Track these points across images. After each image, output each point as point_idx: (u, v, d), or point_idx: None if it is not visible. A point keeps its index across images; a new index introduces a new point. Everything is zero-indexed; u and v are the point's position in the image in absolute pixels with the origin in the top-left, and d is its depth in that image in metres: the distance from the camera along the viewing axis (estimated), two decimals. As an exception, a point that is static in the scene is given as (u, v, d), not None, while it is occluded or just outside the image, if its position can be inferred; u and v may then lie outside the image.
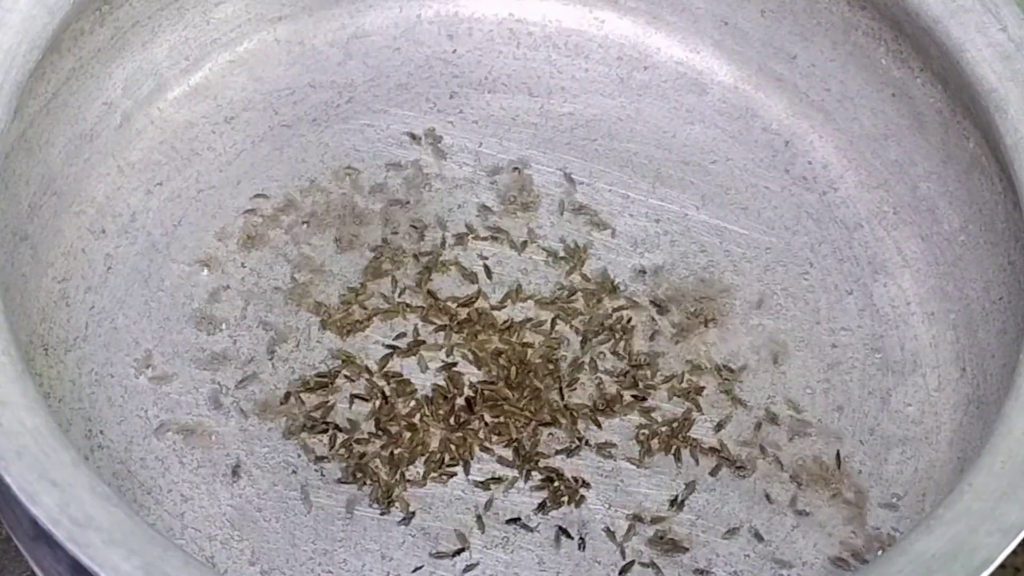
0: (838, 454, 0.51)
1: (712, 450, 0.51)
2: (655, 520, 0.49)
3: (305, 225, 0.55)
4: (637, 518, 0.49)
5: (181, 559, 0.39)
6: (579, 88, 0.60)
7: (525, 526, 0.49)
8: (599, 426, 0.51)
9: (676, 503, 0.50)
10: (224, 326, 0.52)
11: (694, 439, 0.51)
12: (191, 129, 0.57)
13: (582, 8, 0.61)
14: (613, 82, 0.60)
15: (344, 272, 0.54)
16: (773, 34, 0.59)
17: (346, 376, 0.51)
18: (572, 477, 0.50)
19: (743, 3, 0.59)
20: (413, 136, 0.58)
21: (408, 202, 0.56)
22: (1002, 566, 0.42)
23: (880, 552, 0.49)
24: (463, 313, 0.53)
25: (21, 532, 0.45)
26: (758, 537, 0.50)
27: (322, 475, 0.50)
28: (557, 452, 0.51)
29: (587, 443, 0.51)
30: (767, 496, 0.50)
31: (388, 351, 0.52)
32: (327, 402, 0.51)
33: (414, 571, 0.48)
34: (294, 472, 0.50)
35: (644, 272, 0.55)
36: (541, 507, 0.50)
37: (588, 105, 0.59)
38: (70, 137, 0.54)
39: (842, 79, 0.58)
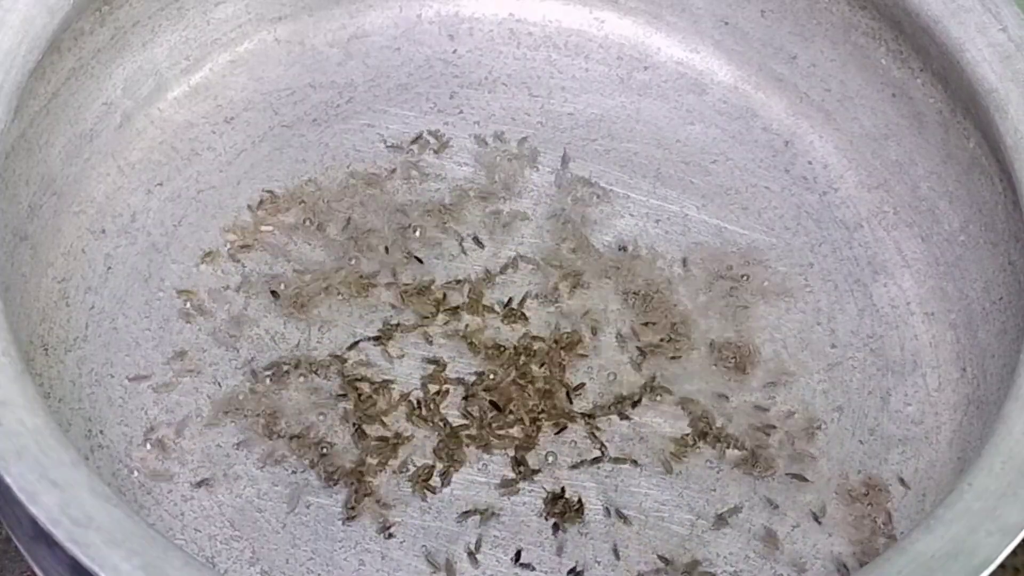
0: (837, 455, 0.51)
1: (726, 445, 0.51)
2: (688, 568, 0.49)
3: (305, 225, 0.55)
4: (665, 560, 0.49)
5: (181, 559, 0.39)
6: (579, 88, 0.60)
7: (527, 566, 0.49)
8: (627, 418, 0.51)
9: (720, 519, 0.50)
10: (225, 327, 0.52)
11: (729, 435, 0.51)
12: (191, 129, 0.57)
13: (582, 8, 0.61)
14: (613, 82, 0.60)
15: (345, 272, 0.54)
16: (773, 34, 0.59)
17: (322, 374, 0.51)
18: (579, 499, 0.50)
19: (743, 3, 0.59)
20: (413, 136, 0.58)
21: (408, 202, 0.56)
22: (1002, 566, 0.42)
23: (880, 551, 0.49)
24: (457, 294, 0.53)
25: (21, 532, 0.45)
26: (758, 537, 0.50)
27: (321, 476, 0.50)
28: (572, 467, 0.50)
29: (605, 451, 0.51)
30: (766, 497, 0.50)
31: (372, 340, 0.52)
32: (306, 404, 0.51)
33: None
34: (294, 472, 0.49)
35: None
36: (555, 528, 0.49)
37: (588, 105, 0.60)
38: (70, 137, 0.54)
39: (842, 79, 0.58)
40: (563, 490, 0.50)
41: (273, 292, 0.53)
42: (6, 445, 0.40)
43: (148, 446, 0.49)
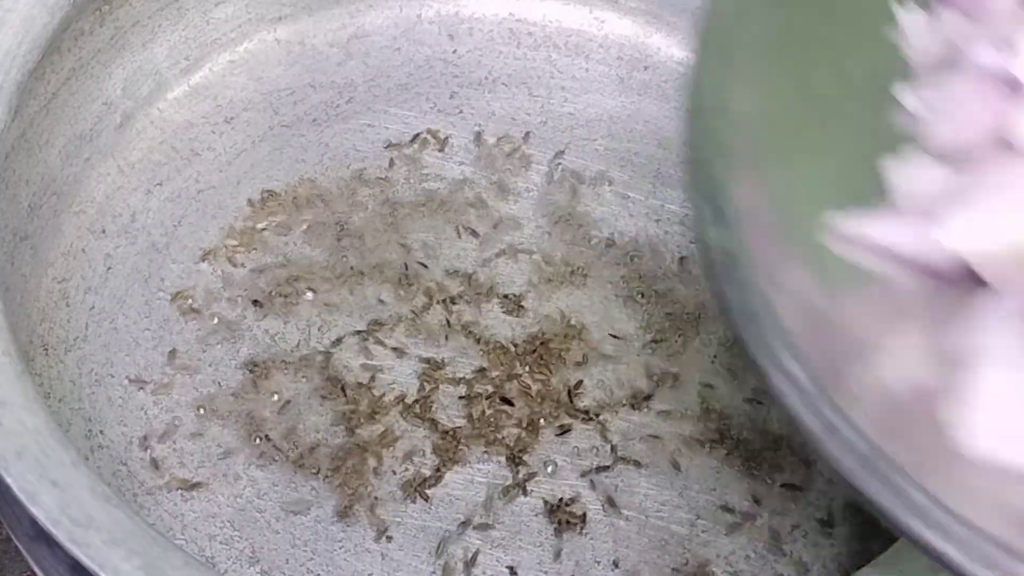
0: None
1: (727, 444, 0.51)
2: (701, 565, 0.49)
3: (305, 225, 0.55)
4: (677, 572, 0.49)
5: (181, 559, 0.39)
6: (579, 88, 0.60)
7: None
8: (627, 416, 0.51)
9: (732, 519, 0.50)
10: (224, 327, 0.52)
11: (730, 434, 0.51)
12: (191, 129, 0.57)
13: (582, 8, 0.61)
14: (613, 82, 0.60)
15: (344, 271, 0.54)
16: (773, 34, 0.59)
17: (321, 373, 0.51)
18: (583, 513, 0.50)
19: (743, 3, 0.59)
20: (413, 136, 0.58)
21: (407, 201, 0.56)
22: (1002, 566, 0.42)
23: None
24: (456, 292, 0.53)
25: (21, 532, 0.45)
26: (760, 538, 0.50)
27: (320, 476, 0.50)
28: (581, 474, 0.50)
29: (615, 451, 0.51)
30: (767, 497, 0.50)
31: (370, 338, 0.52)
32: (305, 403, 0.51)
33: None
34: (293, 472, 0.49)
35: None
36: (556, 531, 0.49)
37: (588, 105, 0.60)
38: (70, 137, 0.54)
39: (842, 79, 0.58)
40: (561, 499, 0.50)
41: (255, 302, 0.53)
42: (6, 445, 0.40)
43: (148, 446, 0.49)
